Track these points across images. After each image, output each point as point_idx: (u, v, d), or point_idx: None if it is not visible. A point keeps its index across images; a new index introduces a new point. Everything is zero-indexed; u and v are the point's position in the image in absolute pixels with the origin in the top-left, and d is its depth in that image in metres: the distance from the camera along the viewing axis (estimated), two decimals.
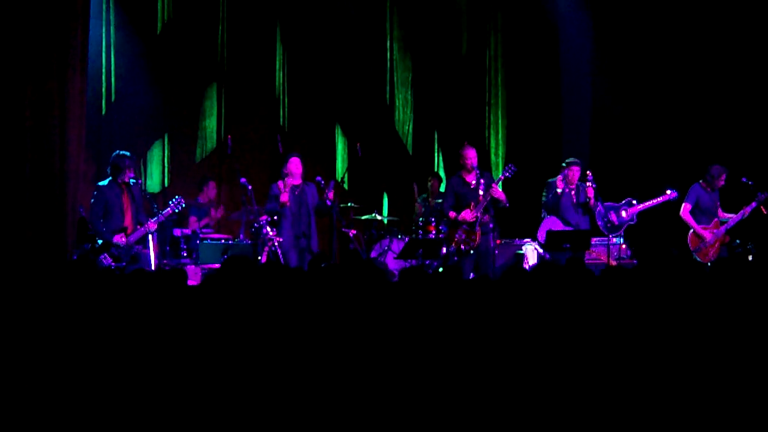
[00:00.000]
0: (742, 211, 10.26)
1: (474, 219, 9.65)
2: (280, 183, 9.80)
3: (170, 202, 9.22)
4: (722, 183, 10.32)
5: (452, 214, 9.77)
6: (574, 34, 13.05)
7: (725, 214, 10.36)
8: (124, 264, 8.71)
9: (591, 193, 9.95)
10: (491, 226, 9.78)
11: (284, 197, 9.69)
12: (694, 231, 10.29)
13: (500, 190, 9.64)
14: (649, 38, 12.20)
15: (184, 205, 9.37)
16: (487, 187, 9.69)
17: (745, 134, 11.61)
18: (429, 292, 4.16)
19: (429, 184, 12.26)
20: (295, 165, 9.82)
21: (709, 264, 9.91)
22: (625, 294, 4.21)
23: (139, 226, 8.93)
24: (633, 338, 3.66)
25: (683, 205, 10.32)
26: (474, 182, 9.81)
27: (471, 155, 9.83)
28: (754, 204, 10.22)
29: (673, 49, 12.12)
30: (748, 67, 11.70)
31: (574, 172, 10.11)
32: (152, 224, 8.94)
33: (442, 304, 4.02)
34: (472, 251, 9.68)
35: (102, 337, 3.57)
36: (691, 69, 12.03)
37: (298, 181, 9.82)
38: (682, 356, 3.49)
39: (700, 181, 10.38)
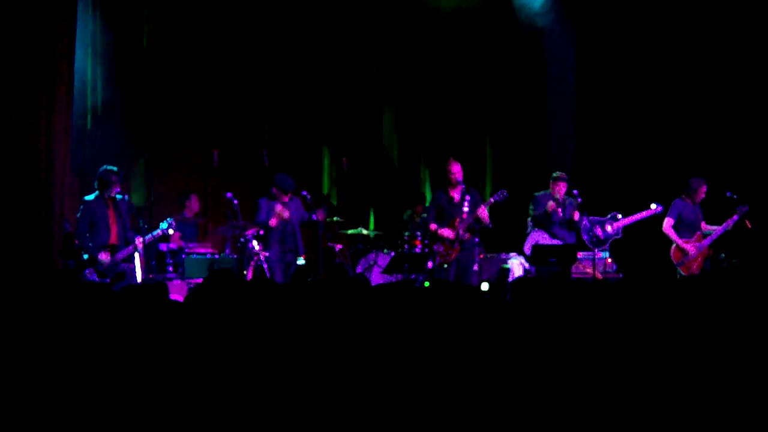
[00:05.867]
0: (724, 224, 10.31)
1: (454, 236, 9.69)
2: (278, 206, 9.76)
3: (161, 225, 9.18)
4: (702, 195, 10.37)
5: (433, 226, 9.81)
6: (558, 49, 13.12)
7: (708, 227, 10.40)
8: (108, 280, 8.67)
9: (576, 216, 10.02)
10: (476, 240, 9.81)
11: (273, 222, 9.70)
12: (676, 245, 10.33)
13: (486, 212, 9.67)
14: (634, 53, 12.28)
15: (174, 228, 9.36)
16: (473, 207, 9.72)
17: (729, 148, 11.69)
18: (417, 307, 4.16)
19: (415, 211, 12.32)
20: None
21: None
22: (611, 307, 4.23)
23: (126, 243, 8.91)
24: (619, 350, 3.68)
25: (666, 219, 10.36)
26: (458, 197, 9.85)
27: (456, 170, 9.86)
28: (735, 217, 10.26)
29: (657, 64, 12.21)
30: (731, 81, 11.78)
31: (561, 187, 10.15)
32: (139, 243, 8.89)
33: (431, 318, 4.02)
34: (446, 265, 9.72)
35: (86, 350, 3.55)
36: (675, 83, 12.11)
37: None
38: (666, 369, 3.51)
39: (682, 195, 10.42)
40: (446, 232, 9.72)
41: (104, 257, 8.72)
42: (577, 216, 10.02)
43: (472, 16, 13.48)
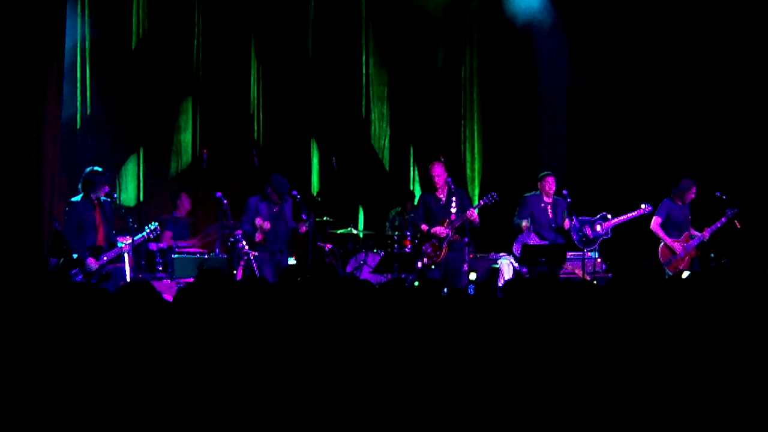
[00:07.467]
0: (712, 227, 10.36)
1: (445, 235, 9.69)
2: (258, 219, 9.69)
3: (146, 228, 9.18)
4: (692, 196, 10.41)
5: (424, 227, 9.81)
6: (549, 48, 13.11)
7: (695, 233, 10.45)
8: (94, 281, 8.67)
9: (567, 225, 10.03)
10: (466, 240, 9.80)
11: (258, 237, 9.64)
12: (664, 244, 10.37)
13: (476, 214, 9.66)
14: (625, 54, 12.30)
15: (159, 233, 9.36)
16: (461, 208, 9.71)
17: (719, 148, 11.73)
18: (406, 307, 4.16)
19: (404, 208, 12.32)
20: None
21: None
22: (600, 307, 4.23)
23: (110, 246, 8.91)
24: (608, 350, 3.68)
25: (654, 218, 10.40)
26: (444, 198, 9.84)
27: (437, 172, 9.85)
28: (723, 219, 10.32)
29: (647, 64, 12.23)
30: (722, 82, 11.81)
31: (550, 184, 10.16)
32: (126, 245, 8.91)
33: (420, 317, 4.02)
34: (433, 266, 9.72)
35: (75, 349, 3.54)
36: (666, 84, 12.14)
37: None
38: (655, 368, 3.51)
39: (672, 196, 10.47)
40: (439, 230, 9.71)
41: (92, 263, 8.70)
42: (567, 224, 10.04)
43: (463, 13, 13.48)
